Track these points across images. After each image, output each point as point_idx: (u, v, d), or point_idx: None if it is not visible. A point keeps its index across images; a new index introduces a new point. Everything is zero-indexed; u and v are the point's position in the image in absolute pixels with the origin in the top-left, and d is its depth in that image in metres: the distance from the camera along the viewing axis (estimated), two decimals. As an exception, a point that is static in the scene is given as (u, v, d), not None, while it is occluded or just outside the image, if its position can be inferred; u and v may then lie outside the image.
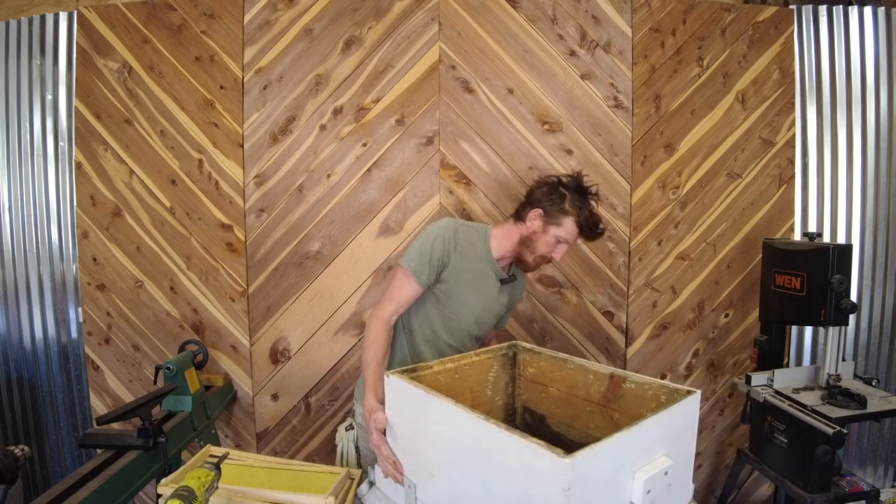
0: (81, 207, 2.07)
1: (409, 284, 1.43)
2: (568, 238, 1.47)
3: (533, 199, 1.51)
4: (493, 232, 1.53)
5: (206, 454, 1.26)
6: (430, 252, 1.42)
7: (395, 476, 1.10)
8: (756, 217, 2.17)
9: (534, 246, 1.48)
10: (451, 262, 1.45)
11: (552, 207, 1.46)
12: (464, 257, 1.46)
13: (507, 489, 0.81)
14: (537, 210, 1.48)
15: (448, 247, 1.44)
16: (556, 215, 1.45)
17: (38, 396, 2.15)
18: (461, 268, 1.46)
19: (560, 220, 1.45)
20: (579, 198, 1.46)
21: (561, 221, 1.45)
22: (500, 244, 1.52)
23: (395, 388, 1.07)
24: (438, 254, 1.43)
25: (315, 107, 2.00)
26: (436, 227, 1.47)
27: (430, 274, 1.43)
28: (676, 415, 0.90)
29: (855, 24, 2.14)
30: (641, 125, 2.08)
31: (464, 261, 1.46)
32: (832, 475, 1.61)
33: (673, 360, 2.18)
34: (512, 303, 1.66)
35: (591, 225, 1.47)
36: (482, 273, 1.50)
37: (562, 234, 1.46)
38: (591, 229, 1.47)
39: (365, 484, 1.21)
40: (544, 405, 1.25)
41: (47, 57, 2.05)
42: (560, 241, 1.47)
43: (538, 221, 1.47)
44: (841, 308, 1.60)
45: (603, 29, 2.04)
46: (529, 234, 1.48)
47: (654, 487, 0.82)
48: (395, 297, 1.43)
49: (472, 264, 1.48)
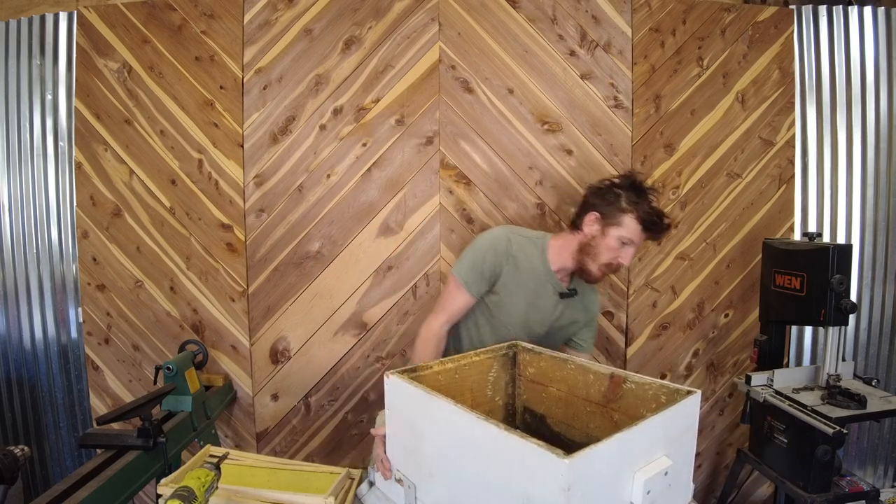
0: (81, 207, 2.06)
1: (461, 295, 1.39)
2: (632, 237, 1.37)
3: (587, 203, 1.44)
4: (551, 243, 1.46)
5: (205, 454, 1.26)
6: (482, 263, 1.38)
7: (383, 472, 1.10)
8: (756, 217, 2.17)
9: (595, 252, 1.39)
10: (503, 273, 1.39)
11: (608, 208, 1.38)
12: (518, 269, 1.40)
13: (506, 489, 0.81)
14: (593, 213, 1.40)
15: (500, 258, 1.39)
16: (613, 215, 1.37)
17: (37, 396, 2.15)
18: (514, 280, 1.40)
19: (619, 218, 1.36)
20: (635, 194, 1.38)
21: (620, 220, 1.36)
22: (558, 255, 1.44)
23: (395, 387, 1.07)
24: (490, 265, 1.38)
25: (315, 107, 2.00)
26: (489, 237, 1.42)
27: (482, 285, 1.39)
28: (677, 415, 0.90)
29: (855, 24, 2.13)
30: (641, 125, 2.08)
31: (517, 273, 1.40)
32: (832, 475, 1.61)
33: (673, 360, 2.18)
34: (585, 320, 1.56)
35: (653, 218, 1.36)
36: (538, 285, 1.43)
37: (624, 234, 1.36)
38: (654, 223, 1.37)
39: (365, 484, 1.21)
40: (544, 405, 1.25)
41: (47, 57, 2.05)
42: (624, 242, 1.38)
43: (596, 225, 1.40)
44: (841, 308, 1.60)
45: (603, 29, 2.04)
46: (588, 240, 1.40)
47: (654, 488, 0.82)
48: (447, 308, 1.40)
49: (526, 276, 1.41)
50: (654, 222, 1.37)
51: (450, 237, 2.04)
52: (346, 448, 2.11)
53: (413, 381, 1.05)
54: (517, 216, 2.05)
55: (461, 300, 1.40)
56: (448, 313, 1.41)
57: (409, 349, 2.06)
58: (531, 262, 1.42)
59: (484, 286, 1.40)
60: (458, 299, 1.40)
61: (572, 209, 2.04)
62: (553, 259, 1.44)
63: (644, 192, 1.40)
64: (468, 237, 2.04)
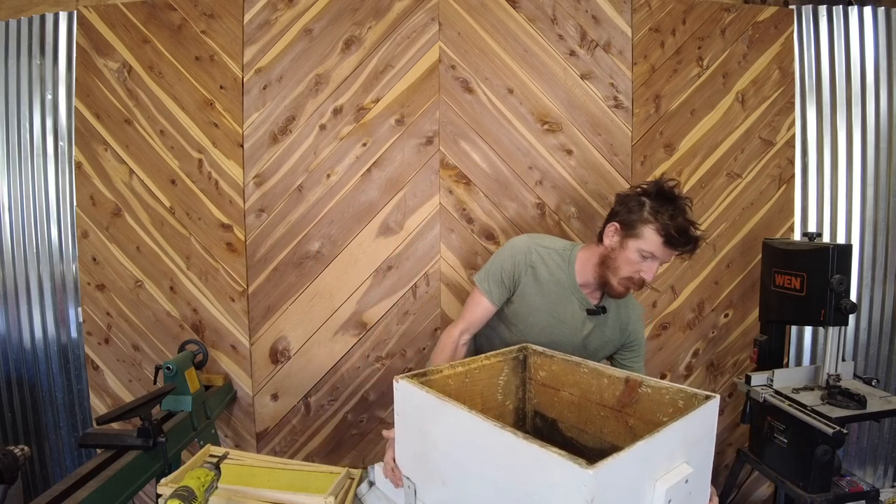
0: (81, 207, 2.06)
1: (481, 303, 1.37)
2: (653, 251, 1.25)
3: (611, 212, 1.35)
4: (579, 255, 1.38)
5: (205, 454, 1.26)
6: (500, 271, 1.36)
7: (395, 482, 1.08)
8: (756, 217, 2.17)
9: (614, 266, 1.29)
10: (521, 282, 1.35)
11: (629, 217, 1.27)
12: (538, 280, 1.35)
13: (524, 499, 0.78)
14: (613, 224, 1.31)
15: (518, 267, 1.34)
16: (633, 225, 1.26)
17: (37, 396, 2.15)
18: (534, 291, 1.35)
19: (639, 230, 1.25)
20: (660, 203, 1.25)
21: (640, 232, 1.25)
22: (582, 268, 1.36)
23: (405, 392, 1.03)
24: (509, 273, 1.35)
25: (315, 107, 2.00)
26: (508, 245, 1.38)
27: (502, 292, 1.36)
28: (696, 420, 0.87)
29: (855, 24, 2.13)
30: (641, 125, 2.08)
31: (538, 284, 1.35)
32: (832, 475, 1.60)
33: (673, 360, 2.18)
34: (623, 341, 1.45)
35: (677, 231, 1.22)
36: (560, 299, 1.36)
37: (644, 247, 1.25)
38: (678, 237, 1.22)
39: (365, 484, 1.21)
40: (556, 409, 1.22)
41: (47, 57, 2.05)
42: (644, 255, 1.26)
43: (616, 237, 1.30)
44: (841, 308, 1.60)
45: (603, 29, 2.04)
46: (608, 252, 1.31)
47: (675, 496, 0.79)
48: (467, 317, 1.38)
49: (547, 288, 1.36)
50: (675, 236, 1.23)
51: (450, 237, 2.04)
52: (345, 448, 2.11)
53: (423, 385, 1.01)
54: (517, 216, 2.05)
55: (481, 308, 1.38)
56: (467, 321, 1.38)
57: (408, 349, 2.07)
58: (553, 274, 1.36)
59: (504, 293, 1.36)
60: (478, 308, 1.38)
61: (572, 209, 2.04)
62: (579, 271, 1.37)
63: (671, 200, 1.26)
64: (468, 237, 2.04)
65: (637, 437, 0.78)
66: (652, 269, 1.28)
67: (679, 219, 1.23)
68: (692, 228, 1.25)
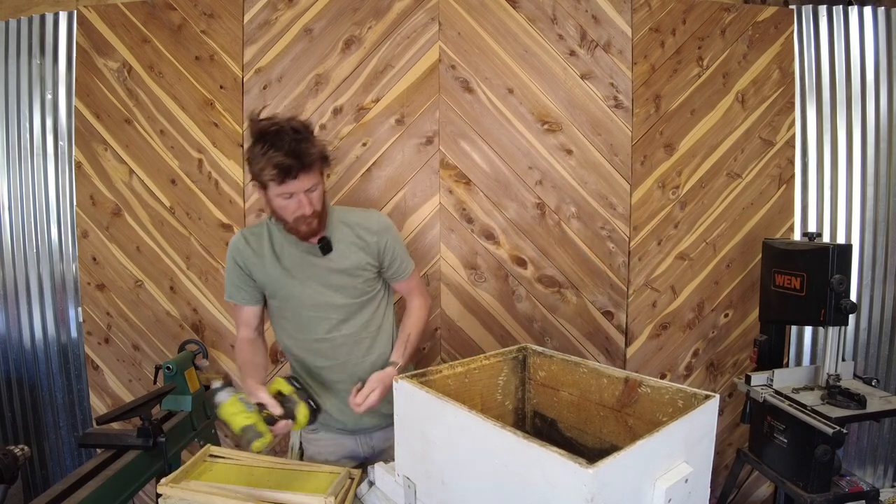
0: (81, 207, 2.06)
1: (241, 310, 1.44)
2: (285, 190, 1.24)
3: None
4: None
5: (205, 454, 1.26)
6: (229, 274, 1.42)
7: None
8: (756, 217, 2.17)
9: (280, 216, 1.31)
10: (252, 270, 1.39)
11: (252, 170, 1.26)
12: (260, 256, 1.39)
13: (524, 499, 0.79)
14: (252, 183, 1.34)
15: (238, 261, 1.39)
16: (258, 177, 1.25)
17: (37, 396, 2.15)
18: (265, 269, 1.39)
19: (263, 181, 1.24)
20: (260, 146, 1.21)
21: (264, 183, 1.24)
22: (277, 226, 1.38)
23: (405, 392, 1.04)
24: (235, 273, 1.40)
25: (315, 106, 2.00)
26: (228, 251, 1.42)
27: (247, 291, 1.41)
28: (696, 420, 0.87)
29: (855, 24, 2.14)
30: (641, 125, 2.08)
31: (262, 260, 1.39)
32: (832, 475, 1.60)
33: (673, 360, 2.18)
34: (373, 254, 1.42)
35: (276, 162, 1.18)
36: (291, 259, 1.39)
37: (275, 192, 1.25)
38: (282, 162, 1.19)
39: (365, 483, 1.21)
40: (555, 409, 1.22)
41: (47, 56, 2.05)
42: (285, 196, 1.26)
43: (259, 192, 1.32)
44: (841, 308, 1.60)
45: (603, 29, 2.04)
46: (269, 207, 1.33)
47: (675, 496, 0.80)
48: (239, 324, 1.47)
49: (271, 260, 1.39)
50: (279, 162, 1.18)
51: (450, 237, 2.04)
52: (345, 448, 2.10)
53: (423, 385, 1.02)
54: (517, 216, 2.05)
55: (244, 312, 1.45)
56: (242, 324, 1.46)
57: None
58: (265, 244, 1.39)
59: (250, 291, 1.42)
60: (242, 313, 1.45)
61: (572, 208, 2.05)
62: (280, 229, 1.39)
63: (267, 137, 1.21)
64: (468, 237, 2.04)
65: (637, 437, 0.78)
66: (303, 202, 1.26)
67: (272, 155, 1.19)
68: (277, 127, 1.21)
